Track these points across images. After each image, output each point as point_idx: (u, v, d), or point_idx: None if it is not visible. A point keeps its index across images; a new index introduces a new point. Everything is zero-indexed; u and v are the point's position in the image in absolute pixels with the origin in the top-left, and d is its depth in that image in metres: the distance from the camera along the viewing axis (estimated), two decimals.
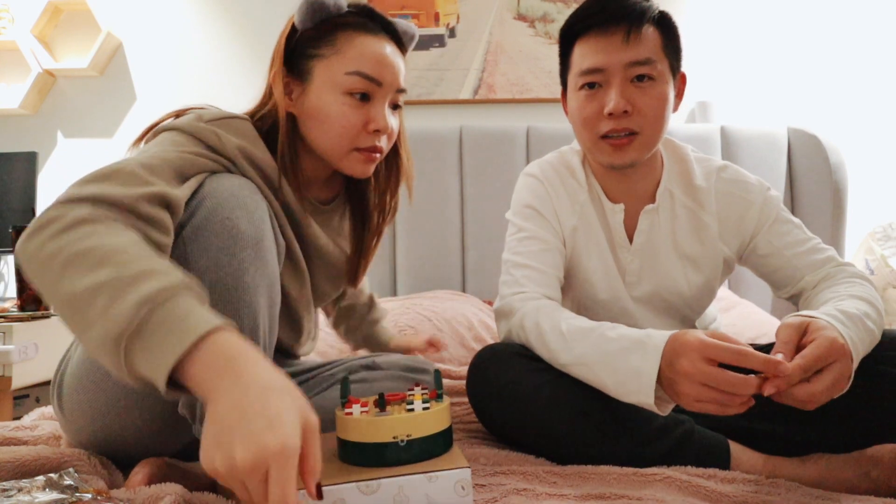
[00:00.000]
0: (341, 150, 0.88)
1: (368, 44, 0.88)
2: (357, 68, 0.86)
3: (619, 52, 0.94)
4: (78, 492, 0.67)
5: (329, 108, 0.87)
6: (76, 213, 0.67)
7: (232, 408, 0.51)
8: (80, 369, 0.80)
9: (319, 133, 0.88)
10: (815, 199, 1.98)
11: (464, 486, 0.67)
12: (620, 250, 1.05)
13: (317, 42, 0.88)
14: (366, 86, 0.87)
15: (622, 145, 0.96)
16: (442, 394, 0.78)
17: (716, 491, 0.75)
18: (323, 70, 0.87)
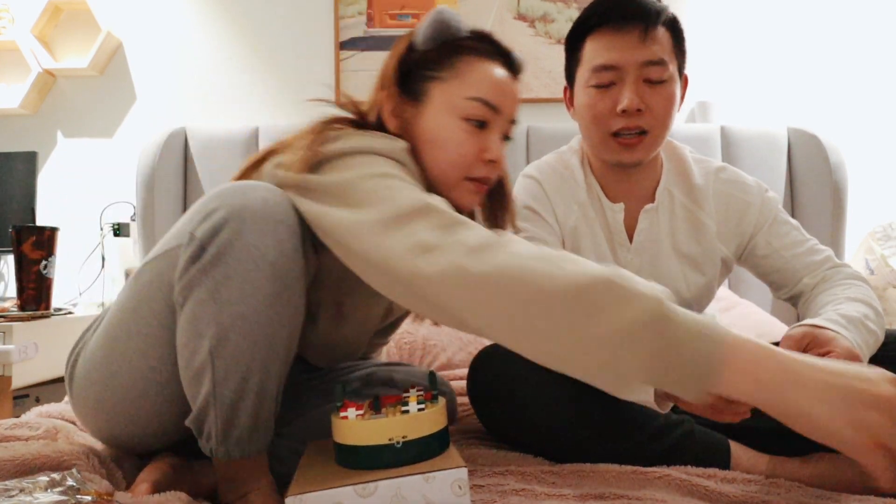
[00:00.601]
0: (454, 177, 0.84)
1: (490, 70, 0.84)
2: (477, 94, 0.83)
3: (635, 50, 0.94)
4: (79, 493, 0.67)
5: (445, 132, 0.83)
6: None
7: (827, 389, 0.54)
8: (90, 363, 0.81)
9: (432, 158, 0.84)
10: (815, 199, 1.98)
11: (461, 486, 0.67)
12: (620, 250, 1.05)
13: (436, 64, 0.84)
14: (485, 113, 0.83)
15: (632, 144, 0.97)
16: (437, 394, 0.78)
17: (716, 491, 0.75)
18: (441, 93, 0.84)
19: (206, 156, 2.01)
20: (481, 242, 0.65)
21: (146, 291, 0.77)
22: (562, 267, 0.62)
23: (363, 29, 2.25)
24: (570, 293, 0.60)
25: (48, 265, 1.68)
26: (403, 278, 0.66)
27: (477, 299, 0.63)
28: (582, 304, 0.59)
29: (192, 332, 0.71)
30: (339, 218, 0.71)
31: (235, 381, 0.71)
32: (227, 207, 0.71)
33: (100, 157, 2.24)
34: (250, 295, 0.69)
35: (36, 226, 1.68)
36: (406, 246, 0.66)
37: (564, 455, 0.87)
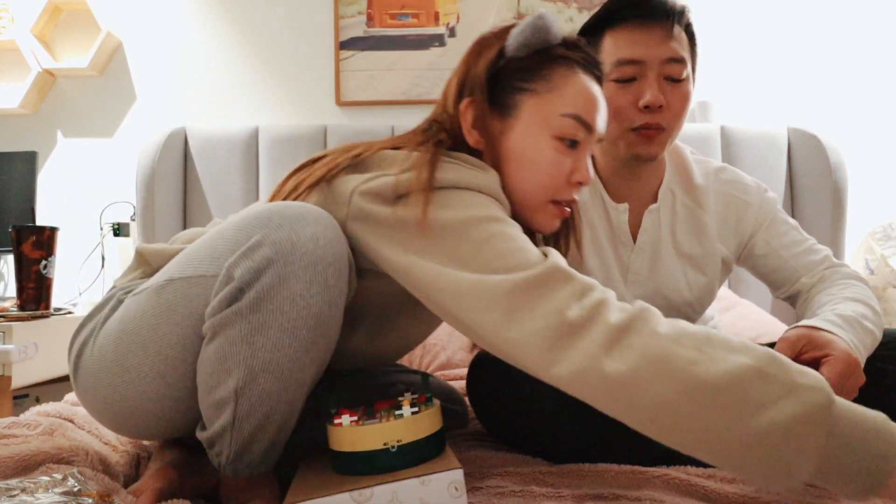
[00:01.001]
0: (540, 200, 0.78)
1: (585, 84, 0.78)
2: (574, 111, 0.76)
3: (659, 46, 0.94)
4: (81, 495, 0.67)
5: (536, 152, 0.76)
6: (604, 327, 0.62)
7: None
8: (100, 362, 0.76)
9: (519, 179, 0.77)
10: (815, 199, 1.98)
11: (457, 488, 0.67)
12: (624, 249, 1.05)
13: (528, 74, 0.77)
14: (578, 131, 0.77)
15: (651, 136, 0.96)
16: (431, 397, 0.77)
17: (715, 491, 0.75)
18: (533, 107, 0.77)
19: (206, 155, 2.01)
20: (617, 326, 0.61)
21: (169, 314, 0.71)
22: (708, 354, 0.59)
23: (363, 29, 2.25)
24: (723, 385, 0.57)
25: (48, 265, 1.68)
26: (537, 374, 0.64)
27: (616, 398, 0.60)
28: (738, 396, 0.56)
29: (219, 366, 0.67)
30: (454, 283, 0.66)
31: (258, 418, 0.68)
32: (272, 245, 0.65)
33: (100, 157, 2.24)
34: (287, 345, 0.65)
35: (36, 225, 1.68)
36: (537, 337, 0.62)
37: (564, 455, 0.87)
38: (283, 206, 0.69)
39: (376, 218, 0.71)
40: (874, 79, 2.23)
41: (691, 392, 0.57)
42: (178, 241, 0.87)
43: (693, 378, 0.57)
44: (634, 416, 0.60)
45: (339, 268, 0.68)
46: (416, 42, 2.26)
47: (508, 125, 0.78)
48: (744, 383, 0.56)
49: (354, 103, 2.23)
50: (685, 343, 0.60)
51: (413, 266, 0.69)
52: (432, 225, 0.68)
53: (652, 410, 0.59)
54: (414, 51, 2.26)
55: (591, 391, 0.61)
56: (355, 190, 0.72)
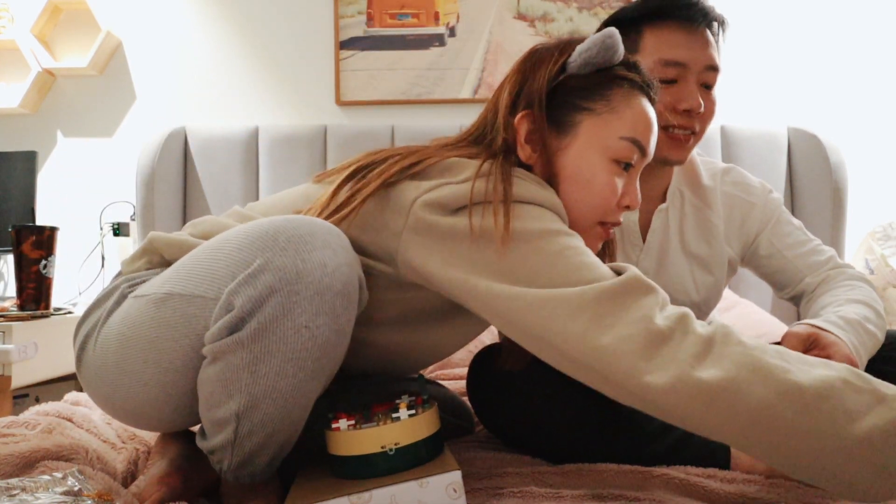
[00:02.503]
0: (590, 221, 0.77)
1: (644, 107, 0.77)
2: (633, 135, 0.75)
3: (703, 52, 0.94)
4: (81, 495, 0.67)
5: (591, 173, 0.74)
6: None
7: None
8: (102, 360, 0.75)
9: (572, 199, 0.75)
10: (815, 199, 1.98)
11: (456, 489, 0.67)
12: (633, 250, 1.05)
13: (589, 93, 0.75)
14: (634, 155, 0.76)
15: (685, 141, 0.96)
16: (428, 399, 0.77)
17: (716, 491, 0.75)
18: (592, 128, 0.75)
19: (206, 155, 2.01)
20: (705, 337, 0.61)
21: (168, 329, 0.69)
22: (795, 364, 0.59)
23: (363, 28, 2.25)
24: (821, 391, 0.56)
25: (48, 265, 1.67)
26: (625, 386, 0.61)
27: (714, 406, 0.58)
28: (836, 404, 0.56)
29: (220, 389, 0.66)
30: (532, 298, 0.64)
31: (260, 437, 0.67)
32: (275, 271, 0.62)
33: (99, 157, 2.24)
34: (292, 374, 0.63)
35: (35, 225, 1.68)
36: (630, 343, 0.60)
37: (564, 454, 0.87)
38: (288, 224, 0.65)
39: (439, 230, 0.68)
40: (874, 79, 2.23)
41: (792, 396, 0.57)
42: (197, 228, 0.83)
43: (791, 383, 0.57)
44: (733, 425, 0.59)
45: (348, 294, 0.65)
46: (416, 42, 2.26)
47: (565, 143, 0.76)
48: (838, 391, 0.56)
49: (354, 103, 2.23)
50: (770, 353, 0.60)
51: (477, 280, 0.67)
52: (506, 238, 0.66)
53: (753, 415, 0.57)
54: (414, 50, 2.26)
55: (688, 400, 0.59)
56: (417, 199, 0.70)
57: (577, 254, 0.67)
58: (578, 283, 0.64)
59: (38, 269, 1.66)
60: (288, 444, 0.72)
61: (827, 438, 0.56)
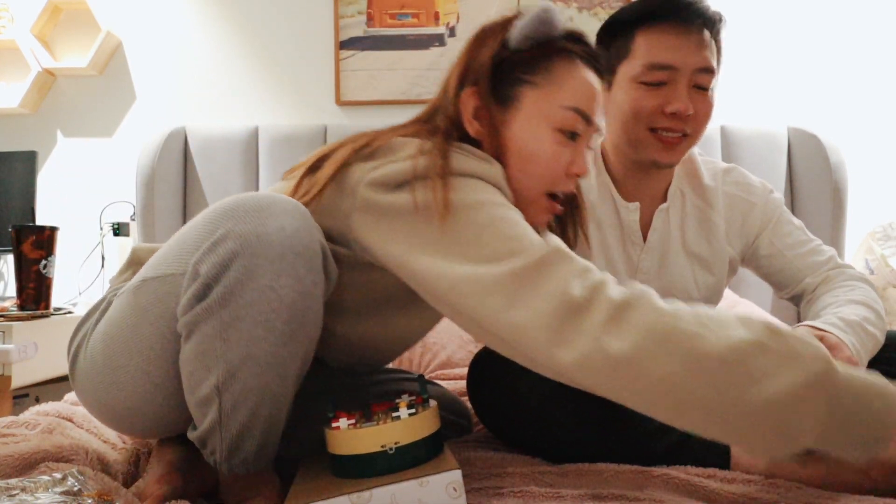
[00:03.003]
0: (536, 191, 0.78)
1: (586, 77, 0.78)
2: (575, 104, 0.76)
3: (694, 54, 0.93)
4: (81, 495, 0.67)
5: (536, 144, 0.76)
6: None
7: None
8: (92, 364, 0.77)
9: (518, 169, 0.77)
10: (815, 199, 1.98)
11: (455, 488, 0.67)
12: (633, 249, 1.05)
13: (530, 66, 0.77)
14: (578, 124, 0.77)
15: (674, 144, 0.96)
16: (428, 398, 0.77)
17: (715, 491, 0.75)
18: (534, 99, 0.77)
19: (206, 155, 2.01)
20: (619, 302, 0.61)
21: (145, 314, 0.72)
22: (709, 328, 0.59)
23: (363, 28, 2.25)
24: (727, 358, 0.57)
25: (48, 265, 1.67)
26: (537, 360, 0.63)
27: (621, 379, 0.60)
28: (742, 369, 0.57)
29: (198, 364, 0.67)
30: (455, 271, 0.65)
31: (244, 413, 0.68)
32: (236, 238, 0.64)
33: (99, 157, 2.24)
34: (262, 338, 0.65)
35: (36, 225, 1.68)
36: (542, 317, 0.61)
37: (564, 454, 0.87)
38: (248, 196, 0.68)
39: (381, 207, 0.70)
40: (874, 79, 2.23)
41: (696, 366, 0.57)
42: None
43: (697, 352, 0.58)
44: (641, 397, 0.60)
45: (310, 258, 0.67)
46: (416, 42, 2.26)
47: (510, 116, 0.78)
48: (746, 356, 0.57)
49: (354, 103, 2.23)
50: (686, 318, 0.61)
51: (412, 256, 0.68)
52: (444, 212, 0.67)
53: (658, 388, 0.59)
54: (414, 51, 2.26)
55: (594, 373, 0.60)
56: (361, 180, 0.72)
57: (509, 225, 0.67)
58: (505, 256, 0.65)
59: (38, 269, 1.66)
60: (274, 425, 0.72)
61: (730, 405, 0.57)
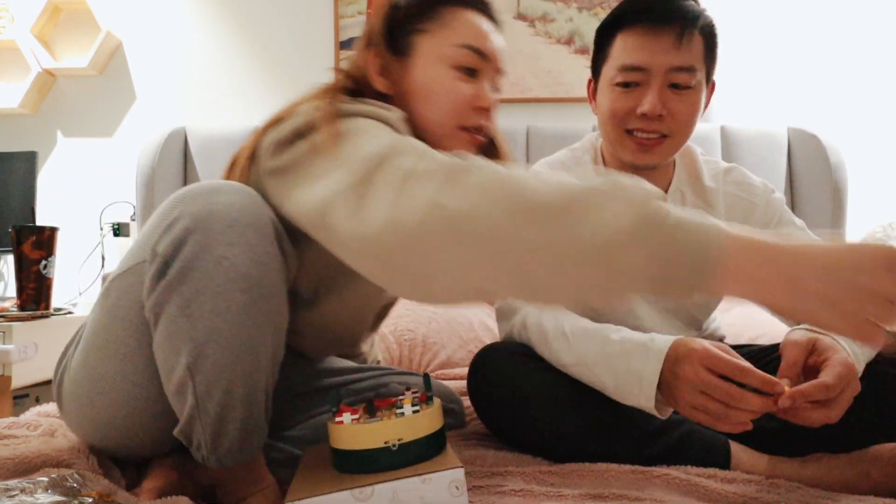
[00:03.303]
0: (448, 127, 0.83)
1: (474, 18, 0.84)
2: (466, 41, 0.82)
3: (666, 54, 0.92)
4: (80, 495, 0.67)
5: (436, 82, 0.82)
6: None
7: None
8: (74, 382, 0.78)
9: (425, 110, 0.83)
10: (815, 199, 1.98)
11: (458, 487, 0.67)
12: None
13: (420, 17, 0.84)
14: (474, 60, 0.83)
15: (650, 146, 0.96)
16: (432, 396, 0.78)
17: (716, 491, 0.75)
18: (428, 44, 0.83)
19: (206, 155, 2.01)
20: (454, 165, 0.60)
21: (116, 311, 0.74)
22: (543, 180, 0.58)
23: (363, 29, 2.25)
24: (561, 203, 0.56)
25: (48, 265, 1.68)
26: (350, 228, 0.61)
27: (460, 234, 0.57)
28: (573, 212, 0.55)
29: (168, 348, 0.69)
30: (310, 195, 0.67)
31: (219, 394, 0.69)
32: (189, 216, 0.67)
33: (99, 157, 2.24)
34: (224, 309, 0.66)
35: (36, 226, 1.68)
36: (348, 212, 0.61)
37: (564, 455, 0.87)
38: (198, 183, 0.72)
39: (280, 166, 0.73)
40: (874, 79, 2.23)
41: (531, 215, 0.56)
42: None
43: (531, 202, 0.56)
44: (474, 254, 0.57)
45: (260, 228, 0.69)
46: None
47: (409, 65, 0.83)
48: (579, 200, 0.55)
49: None
50: (519, 174, 0.60)
51: (286, 204, 0.71)
52: (330, 147, 0.69)
53: (490, 239, 0.56)
54: None
55: (437, 233, 0.57)
56: (262, 147, 0.77)
57: (377, 130, 0.69)
58: (360, 154, 0.66)
59: (39, 270, 1.66)
60: (252, 407, 0.71)
61: (565, 247, 0.55)
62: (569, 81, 2.26)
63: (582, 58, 2.25)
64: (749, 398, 0.68)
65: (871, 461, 0.83)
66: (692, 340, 0.75)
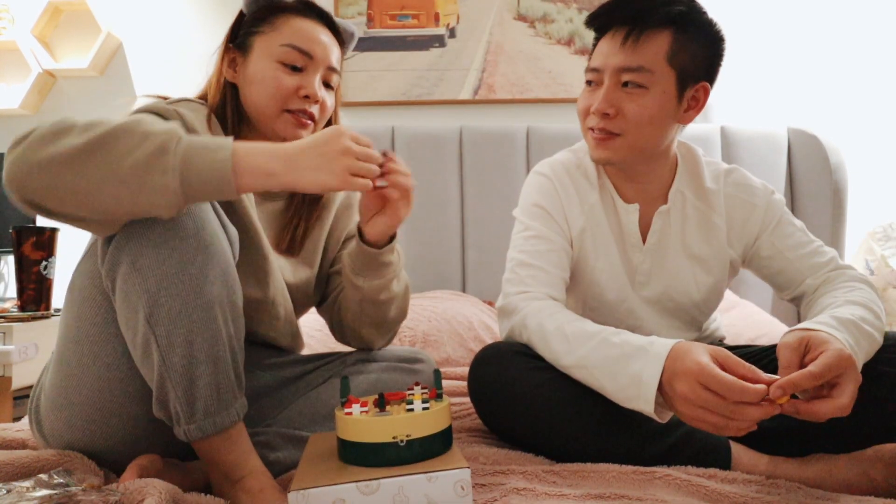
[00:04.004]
0: (272, 110, 0.95)
1: (302, 24, 0.98)
2: (290, 41, 0.96)
3: (614, 55, 0.95)
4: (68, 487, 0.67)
5: (263, 73, 0.96)
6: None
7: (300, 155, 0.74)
8: (52, 391, 0.81)
9: (254, 95, 0.96)
10: (815, 199, 1.98)
11: (463, 487, 0.68)
12: (632, 250, 1.05)
13: (259, 22, 0.99)
14: (297, 57, 0.96)
15: (602, 140, 0.99)
16: (441, 394, 0.78)
17: (716, 491, 0.75)
18: (261, 43, 0.97)
19: None
20: (51, 130, 0.70)
21: (81, 294, 0.79)
22: (95, 124, 0.70)
23: (363, 29, 2.25)
24: (96, 148, 0.68)
25: (48, 266, 1.68)
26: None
27: (52, 178, 0.68)
28: (107, 154, 0.68)
29: (127, 308, 0.73)
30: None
31: (181, 346, 0.73)
32: None
33: None
34: (167, 257, 0.72)
35: (36, 226, 1.68)
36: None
37: (565, 455, 0.87)
38: None
39: None
40: (874, 79, 2.23)
41: (81, 155, 0.68)
42: None
43: (80, 144, 0.68)
44: (64, 184, 0.68)
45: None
46: (415, 43, 2.27)
47: (248, 59, 0.98)
48: (108, 143, 0.68)
49: (354, 104, 2.24)
50: (111, 121, 0.72)
51: None
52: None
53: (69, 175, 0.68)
54: (414, 52, 2.26)
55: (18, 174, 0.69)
56: None
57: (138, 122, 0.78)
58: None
59: (39, 270, 1.66)
60: (220, 364, 0.75)
61: (111, 177, 0.68)
62: (569, 82, 2.26)
63: (582, 58, 2.25)
64: (748, 411, 0.68)
65: (871, 461, 0.83)
66: (690, 349, 0.74)
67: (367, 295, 0.98)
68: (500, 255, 1.08)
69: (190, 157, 0.69)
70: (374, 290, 0.97)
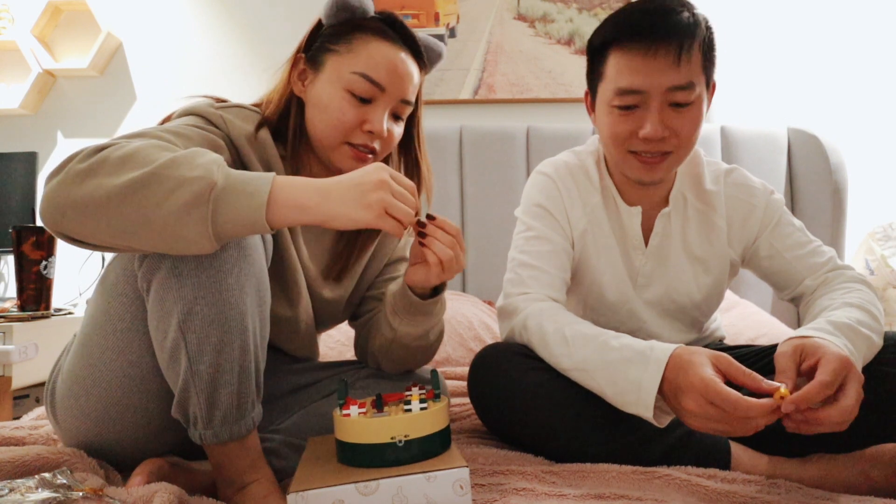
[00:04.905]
0: (333, 140, 0.90)
1: (381, 49, 0.90)
2: (363, 70, 0.89)
3: (663, 75, 0.89)
4: (71, 490, 0.67)
5: (329, 99, 0.89)
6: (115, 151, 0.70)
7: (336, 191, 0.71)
8: (70, 377, 0.81)
9: (316, 120, 0.91)
10: (815, 199, 1.98)
11: (462, 486, 0.68)
12: (634, 252, 1.05)
13: (336, 38, 0.91)
14: (367, 89, 0.89)
15: (654, 163, 0.94)
16: (439, 394, 0.78)
17: (716, 491, 0.75)
18: (333, 64, 0.90)
19: None
20: (88, 166, 0.68)
21: (115, 288, 0.78)
22: (129, 158, 0.68)
23: None
24: (128, 191, 0.66)
25: (48, 265, 1.68)
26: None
27: (80, 215, 0.67)
28: (143, 198, 0.66)
29: (161, 311, 0.72)
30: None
31: (210, 354, 0.72)
32: None
33: None
34: (207, 265, 0.71)
35: (36, 226, 1.68)
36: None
37: (564, 455, 0.87)
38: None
39: None
40: (874, 79, 2.23)
41: (119, 198, 0.66)
42: None
43: (114, 189, 0.66)
44: (100, 219, 0.67)
45: None
46: None
47: (317, 77, 0.92)
48: (142, 190, 0.66)
49: None
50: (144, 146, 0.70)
51: None
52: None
53: (105, 213, 0.67)
54: None
55: (55, 211, 0.67)
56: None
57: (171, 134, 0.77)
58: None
59: (39, 270, 1.66)
60: (244, 374, 0.74)
61: (143, 226, 0.67)
62: (569, 81, 2.26)
63: (582, 58, 2.25)
64: (754, 421, 0.68)
65: (871, 461, 0.83)
66: (692, 359, 0.73)
67: (399, 338, 0.95)
68: (500, 254, 1.08)
69: (226, 205, 0.67)
70: (407, 336, 0.95)
